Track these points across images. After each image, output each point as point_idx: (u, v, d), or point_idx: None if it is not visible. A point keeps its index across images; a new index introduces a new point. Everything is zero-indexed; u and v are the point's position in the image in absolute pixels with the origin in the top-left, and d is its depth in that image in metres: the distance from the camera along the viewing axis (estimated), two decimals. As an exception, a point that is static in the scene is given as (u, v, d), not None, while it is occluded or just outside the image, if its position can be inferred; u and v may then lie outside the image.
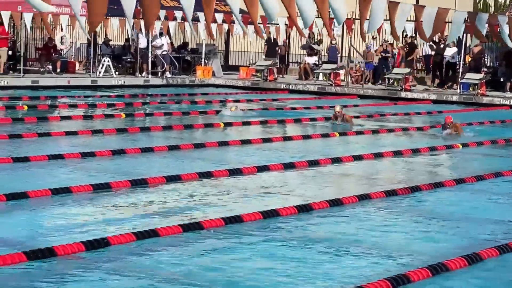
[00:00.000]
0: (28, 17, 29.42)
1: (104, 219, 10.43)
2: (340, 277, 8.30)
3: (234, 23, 34.11)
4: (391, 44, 35.84)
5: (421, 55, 36.80)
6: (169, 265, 8.49)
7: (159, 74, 34.84)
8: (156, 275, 8.09)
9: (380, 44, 36.31)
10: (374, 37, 35.89)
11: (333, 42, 36.81)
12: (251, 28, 34.38)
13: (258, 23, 32.83)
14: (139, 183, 12.55)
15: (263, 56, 37.61)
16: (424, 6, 18.17)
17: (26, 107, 23.21)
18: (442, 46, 34.30)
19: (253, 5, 12.95)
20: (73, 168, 13.93)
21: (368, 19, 16.40)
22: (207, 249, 9.18)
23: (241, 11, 23.15)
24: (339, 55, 37.50)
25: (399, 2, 16.82)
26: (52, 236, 9.39)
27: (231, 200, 12.13)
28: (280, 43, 38.66)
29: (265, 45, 37.64)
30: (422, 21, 17.93)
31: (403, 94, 32.32)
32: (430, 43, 34.08)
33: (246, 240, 9.62)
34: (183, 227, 9.76)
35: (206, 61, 36.81)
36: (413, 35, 34.86)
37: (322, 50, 39.14)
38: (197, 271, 8.31)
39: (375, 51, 36.31)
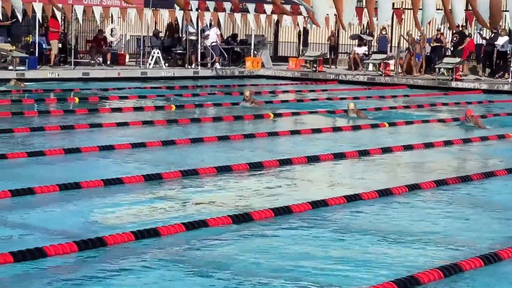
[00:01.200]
0: (79, 9, 29.65)
1: (155, 210, 10.49)
2: (391, 266, 8.26)
3: (283, 14, 34.07)
4: (442, 34, 35.57)
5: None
6: (218, 255, 8.50)
7: (209, 65, 34.90)
8: (205, 265, 8.11)
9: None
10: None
11: (383, 32, 36.64)
12: (300, 18, 34.46)
13: (306, 16, 32.93)
14: (190, 174, 12.60)
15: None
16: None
17: (77, 99, 23.41)
18: (493, 35, 33.97)
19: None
20: (124, 159, 14.02)
21: (421, 9, 16.29)
22: (256, 239, 9.19)
23: (294, 3, 23.02)
24: (389, 45, 37.30)
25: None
26: (103, 226, 9.47)
27: (280, 190, 12.13)
28: (328, 33, 38.64)
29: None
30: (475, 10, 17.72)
31: (454, 84, 32.06)
32: (481, 32, 33.87)
33: (295, 230, 9.62)
34: (232, 218, 9.78)
35: (256, 52, 36.83)
36: (463, 24, 34.54)
37: (372, 39, 38.95)
38: (247, 261, 8.31)
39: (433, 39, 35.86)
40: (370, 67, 35.97)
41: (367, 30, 38.48)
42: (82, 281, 7.54)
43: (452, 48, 35.64)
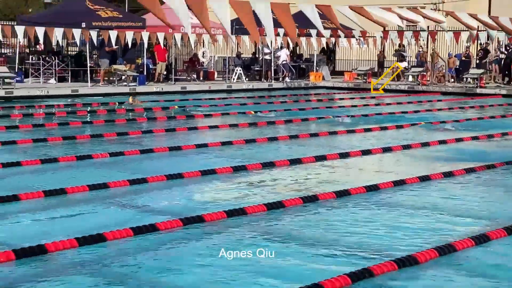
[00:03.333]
0: (178, 37, 29.89)
1: (241, 193, 10.51)
2: (430, 237, 8.17)
3: (340, 37, 33.92)
4: (470, 50, 35.09)
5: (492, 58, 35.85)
6: (293, 230, 8.46)
7: (280, 79, 34.91)
8: (283, 238, 8.06)
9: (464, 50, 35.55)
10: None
11: (420, 49, 36.26)
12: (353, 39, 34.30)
13: (359, 36, 32.71)
14: (268, 166, 12.61)
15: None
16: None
17: (176, 107, 23.59)
18: (510, 50, 33.43)
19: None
20: (216, 154, 14.09)
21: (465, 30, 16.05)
22: (323, 218, 9.15)
23: (346, 27, 22.84)
24: (423, 60, 36.87)
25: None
26: (202, 207, 9.51)
27: (340, 177, 12.08)
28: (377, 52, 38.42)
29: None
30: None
31: (478, 90, 31.57)
32: (502, 49, 33.43)
33: (353, 210, 9.56)
34: (303, 199, 9.76)
35: (317, 68, 36.70)
36: (488, 41, 34.12)
37: (411, 56, 38.57)
38: (316, 236, 8.26)
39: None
40: (410, 78, 35.59)
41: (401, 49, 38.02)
42: (191, 252, 7.57)
43: (478, 61, 35.21)
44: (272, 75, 34.42)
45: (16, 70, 28.76)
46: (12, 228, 8.30)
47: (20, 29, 26.95)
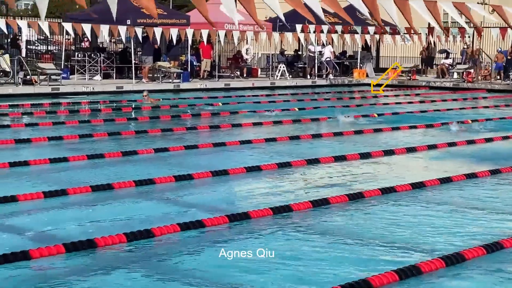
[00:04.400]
0: (221, 34, 29.98)
1: (286, 190, 10.51)
2: (484, 239, 8.11)
3: (384, 33, 33.73)
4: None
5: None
6: (339, 227, 8.47)
7: (324, 76, 34.81)
8: (329, 235, 8.07)
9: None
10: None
11: (465, 46, 35.89)
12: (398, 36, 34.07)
13: (404, 33, 32.46)
14: (313, 162, 12.60)
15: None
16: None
17: (220, 104, 23.66)
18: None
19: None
20: (260, 151, 14.11)
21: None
22: (368, 215, 9.13)
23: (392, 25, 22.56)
24: (467, 57, 36.48)
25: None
26: (247, 203, 9.55)
27: (385, 174, 12.02)
28: (420, 48, 38.08)
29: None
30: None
31: (525, 88, 31.18)
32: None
33: (398, 207, 9.53)
34: (348, 197, 9.74)
35: (361, 65, 36.52)
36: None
37: (456, 53, 38.19)
38: (362, 232, 8.26)
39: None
40: (455, 75, 35.24)
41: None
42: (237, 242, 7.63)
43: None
44: (316, 72, 34.36)
45: (62, 67, 29.10)
46: (61, 222, 8.42)
47: (67, 26, 27.27)
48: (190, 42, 30.72)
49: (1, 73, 26.94)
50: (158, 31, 28.04)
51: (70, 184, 10.22)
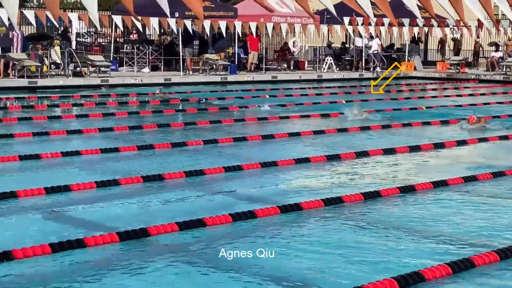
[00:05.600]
0: (269, 26, 29.98)
1: (336, 182, 10.47)
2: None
3: (433, 26, 33.42)
4: None
5: None
6: (390, 219, 8.41)
7: (371, 69, 34.60)
8: (381, 227, 8.03)
9: None
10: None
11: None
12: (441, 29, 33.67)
13: (453, 26, 32.09)
14: (362, 155, 12.53)
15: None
16: None
17: (267, 96, 23.65)
18: None
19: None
20: (308, 143, 14.10)
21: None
22: (420, 207, 9.04)
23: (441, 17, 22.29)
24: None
25: None
26: (297, 195, 9.52)
27: (436, 167, 11.87)
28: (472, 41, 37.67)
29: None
30: None
31: None
32: None
33: (450, 200, 9.43)
34: (400, 189, 9.66)
35: (409, 58, 36.20)
36: None
37: (506, 46, 37.63)
38: (414, 225, 8.19)
39: None
40: (505, 69, 34.73)
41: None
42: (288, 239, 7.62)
43: None
44: (363, 65, 34.17)
45: (111, 59, 29.39)
46: (113, 211, 8.53)
47: (117, 19, 27.51)
48: (238, 34, 30.76)
49: (52, 65, 27.30)
50: (206, 23, 28.15)
51: (121, 174, 10.33)
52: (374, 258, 6.92)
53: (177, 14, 28.20)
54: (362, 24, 31.29)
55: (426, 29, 34.53)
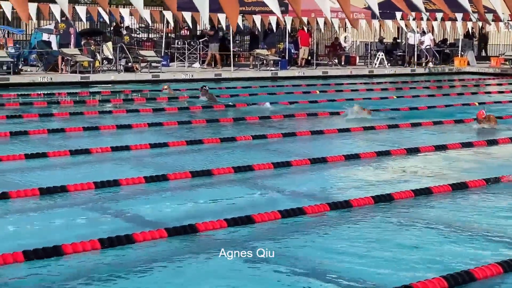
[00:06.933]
0: (320, 21, 29.86)
1: (386, 179, 10.36)
2: None
3: (485, 21, 32.88)
4: None
5: None
6: (442, 217, 8.28)
7: (423, 64, 34.24)
8: (431, 225, 7.92)
9: None
10: None
11: None
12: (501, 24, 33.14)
13: (508, 20, 31.55)
14: (413, 151, 12.38)
15: None
16: None
17: (318, 92, 23.56)
18: None
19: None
20: (359, 139, 13.99)
21: None
22: (472, 205, 8.89)
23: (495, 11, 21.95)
24: None
25: None
26: (346, 191, 9.45)
27: (489, 164, 11.66)
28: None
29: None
30: None
31: None
32: None
33: (504, 198, 9.26)
34: (452, 186, 9.52)
35: (462, 53, 35.75)
36: None
37: None
38: (465, 223, 8.07)
39: None
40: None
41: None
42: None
43: None
44: (415, 60, 33.82)
45: (162, 54, 29.57)
46: (162, 206, 8.56)
47: (168, 14, 27.67)
48: (289, 29, 30.70)
49: (104, 60, 27.60)
50: (257, 18, 28.15)
51: (170, 170, 10.37)
52: (423, 256, 6.83)
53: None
54: (414, 19, 30.94)
55: (480, 23, 34.01)
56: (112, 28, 32.70)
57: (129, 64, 27.27)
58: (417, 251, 6.98)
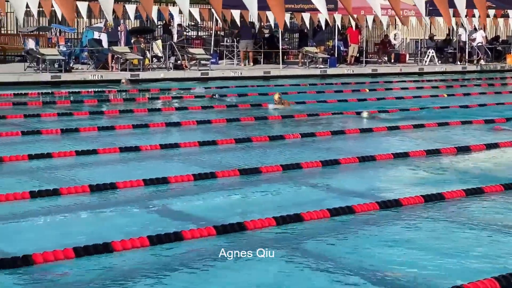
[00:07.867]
0: (370, 19, 29.68)
1: (436, 178, 10.22)
2: None
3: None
4: None
5: None
6: (492, 216, 8.18)
7: (475, 62, 33.81)
8: (483, 225, 7.79)
9: None
10: None
11: None
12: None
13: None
14: (463, 150, 12.21)
15: None
16: None
17: (367, 90, 23.37)
18: None
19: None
20: (407, 138, 13.84)
21: None
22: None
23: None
24: None
25: None
26: (395, 190, 9.35)
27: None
28: None
29: None
30: None
31: None
32: None
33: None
34: (504, 187, 9.34)
35: (515, 50, 35.26)
36: None
37: None
38: (505, 221, 7.98)
39: None
40: None
41: None
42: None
43: None
44: (467, 57, 33.40)
45: (211, 52, 29.68)
46: (210, 204, 8.57)
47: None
48: (338, 27, 30.57)
49: (154, 58, 27.78)
50: (306, 16, 28.08)
51: (218, 167, 10.38)
52: (474, 257, 6.72)
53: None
54: (466, 16, 30.54)
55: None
56: (161, 26, 32.92)
57: (178, 62, 27.42)
58: (468, 251, 6.87)
